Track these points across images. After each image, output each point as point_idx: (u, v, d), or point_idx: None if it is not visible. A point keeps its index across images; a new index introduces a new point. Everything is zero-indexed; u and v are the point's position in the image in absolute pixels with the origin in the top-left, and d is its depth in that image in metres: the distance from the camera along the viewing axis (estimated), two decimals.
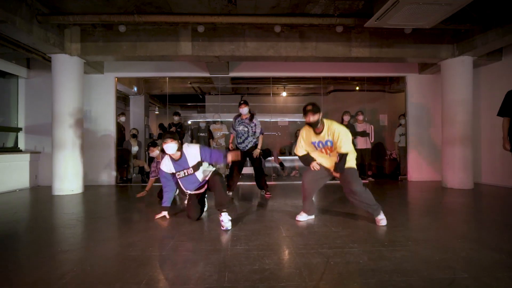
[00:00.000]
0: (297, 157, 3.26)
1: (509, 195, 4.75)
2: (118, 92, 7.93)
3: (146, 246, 2.39)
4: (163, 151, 3.28)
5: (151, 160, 7.22)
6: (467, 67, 5.38)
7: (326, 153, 3.02)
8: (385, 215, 2.99)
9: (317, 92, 8.77)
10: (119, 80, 6.68)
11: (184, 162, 3.07)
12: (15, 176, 5.61)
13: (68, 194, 4.94)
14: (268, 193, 4.64)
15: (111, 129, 6.27)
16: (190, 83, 8.11)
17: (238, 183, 4.99)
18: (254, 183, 4.88)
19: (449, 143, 5.49)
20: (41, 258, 2.18)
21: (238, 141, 4.52)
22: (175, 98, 10.10)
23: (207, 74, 6.45)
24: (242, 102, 4.50)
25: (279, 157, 7.64)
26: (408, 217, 3.36)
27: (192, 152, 3.06)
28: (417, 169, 6.50)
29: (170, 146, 2.96)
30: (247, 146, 4.49)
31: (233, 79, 7.83)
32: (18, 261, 2.14)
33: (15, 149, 6.06)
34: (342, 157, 2.86)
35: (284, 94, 9.15)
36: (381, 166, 8.02)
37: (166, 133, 3.03)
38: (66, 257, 2.19)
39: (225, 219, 2.87)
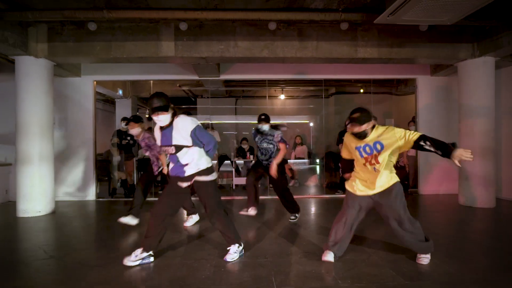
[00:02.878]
0: (298, 161, 2.72)
1: None
2: (101, 95, 7.32)
3: None
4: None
5: (140, 169, 6.64)
6: (489, 69, 4.74)
7: (372, 163, 2.39)
8: (394, 251, 2.43)
9: (317, 95, 8.13)
10: (100, 83, 6.05)
11: (168, 134, 2.44)
12: None
13: (34, 216, 4.33)
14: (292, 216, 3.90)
15: (90, 138, 5.65)
16: (180, 86, 7.48)
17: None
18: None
19: None
20: None
21: (262, 158, 3.90)
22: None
23: (195, 77, 5.83)
24: (262, 117, 3.80)
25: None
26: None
27: (184, 126, 2.40)
28: (429, 181, 5.87)
29: (161, 119, 2.39)
30: (268, 162, 3.81)
31: (226, 82, 7.19)
32: None
33: None
34: (437, 142, 2.29)
35: (282, 97, 8.50)
36: None
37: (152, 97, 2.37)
38: None
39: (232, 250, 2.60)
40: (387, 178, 2.43)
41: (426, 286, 2.14)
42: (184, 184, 2.53)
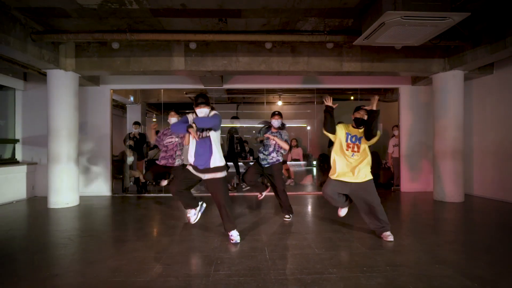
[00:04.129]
0: (294, 163, 3.47)
1: (497, 209, 4.80)
2: (114, 101, 8.03)
3: (132, 271, 2.46)
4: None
5: (149, 167, 7.33)
6: (458, 81, 5.44)
7: (354, 149, 3.20)
8: (370, 233, 3.08)
9: (312, 101, 8.83)
10: (115, 91, 6.77)
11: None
12: (12, 188, 5.70)
13: (63, 207, 5.03)
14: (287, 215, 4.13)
15: (107, 140, 6.36)
16: (186, 93, 8.19)
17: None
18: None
19: (440, 156, 5.54)
20: (31, 283, 2.26)
21: (262, 155, 4.07)
22: (172, 106, 10.15)
23: (201, 86, 6.53)
24: (276, 113, 4.12)
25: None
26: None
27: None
28: (410, 180, 6.55)
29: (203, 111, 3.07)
30: (268, 163, 4.03)
31: (228, 90, 7.90)
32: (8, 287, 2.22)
33: (12, 161, 6.15)
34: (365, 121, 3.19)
35: (279, 103, 9.22)
36: (377, 174, 8.06)
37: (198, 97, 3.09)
38: (54, 283, 2.27)
39: (235, 234, 3.15)
40: (367, 171, 3.18)
41: (382, 254, 2.82)
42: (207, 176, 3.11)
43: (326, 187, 3.29)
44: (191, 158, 3.13)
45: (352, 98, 8.25)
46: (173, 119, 4.45)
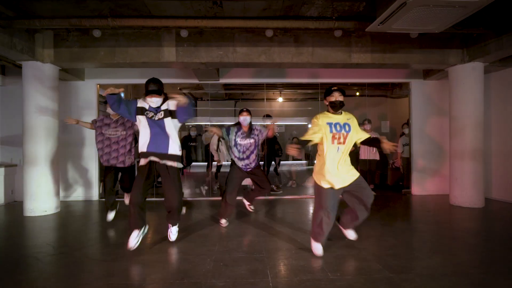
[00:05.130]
0: (295, 162, 2.95)
1: None
2: (102, 97, 7.49)
3: None
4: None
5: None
6: (478, 74, 4.93)
7: (339, 141, 2.65)
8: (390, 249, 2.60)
9: (315, 98, 8.30)
10: (102, 86, 6.22)
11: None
12: None
13: (41, 215, 4.50)
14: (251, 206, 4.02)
15: (93, 140, 5.80)
16: (180, 89, 7.65)
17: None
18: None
19: (458, 157, 5.03)
20: None
21: (239, 156, 3.60)
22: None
23: (196, 81, 6.00)
24: (244, 109, 3.65)
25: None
26: (412, 254, 2.92)
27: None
28: (422, 183, 6.05)
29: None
30: (250, 164, 3.62)
31: (226, 85, 7.37)
32: None
33: None
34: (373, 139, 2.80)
35: (280, 99, 8.69)
36: (385, 175, 7.57)
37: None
38: None
39: (174, 231, 3.08)
40: (352, 170, 2.73)
41: (409, 279, 2.32)
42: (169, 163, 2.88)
43: (322, 202, 2.68)
44: (143, 145, 2.85)
45: (357, 94, 7.73)
46: (110, 109, 3.58)
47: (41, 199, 4.58)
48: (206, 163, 6.87)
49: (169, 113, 2.85)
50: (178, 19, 4.00)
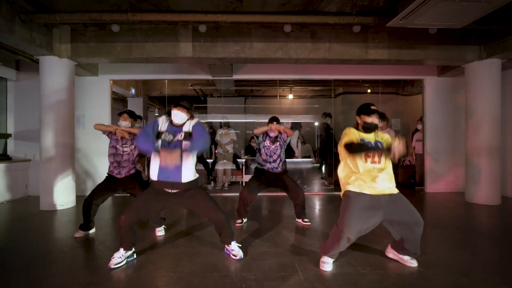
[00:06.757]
0: (299, 160, 2.77)
1: None
2: (114, 94, 7.50)
3: None
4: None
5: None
6: (496, 71, 4.89)
7: (379, 161, 2.33)
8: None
9: (325, 95, 8.29)
10: (115, 82, 6.23)
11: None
12: (3, 186, 5.18)
13: (57, 210, 4.52)
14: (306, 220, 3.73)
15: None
16: (191, 85, 7.65)
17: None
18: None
19: (475, 154, 5.00)
20: None
21: (267, 159, 3.58)
22: (176, 99, 9.63)
23: (209, 77, 5.99)
24: (274, 120, 3.59)
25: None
26: (438, 249, 2.91)
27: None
28: (435, 180, 6.02)
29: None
30: (277, 167, 3.58)
31: (237, 82, 7.35)
32: None
33: (4, 157, 5.64)
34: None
35: (290, 96, 8.66)
36: (395, 172, 7.54)
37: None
38: None
39: (236, 248, 2.64)
40: (392, 183, 2.39)
41: (442, 274, 2.30)
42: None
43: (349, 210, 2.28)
44: (154, 173, 2.45)
45: (369, 91, 7.70)
46: (124, 123, 3.30)
47: (58, 193, 4.59)
48: (211, 160, 6.90)
49: (189, 136, 2.47)
50: (197, 13, 3.99)
